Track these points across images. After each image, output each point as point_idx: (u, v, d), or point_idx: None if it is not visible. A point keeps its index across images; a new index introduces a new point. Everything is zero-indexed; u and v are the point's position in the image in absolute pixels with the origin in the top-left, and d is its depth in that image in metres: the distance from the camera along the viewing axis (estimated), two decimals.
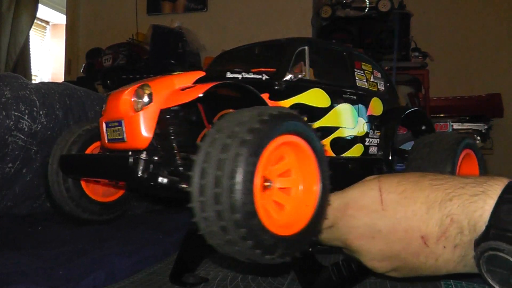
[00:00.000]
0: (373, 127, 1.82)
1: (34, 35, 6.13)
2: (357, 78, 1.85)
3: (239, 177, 0.99)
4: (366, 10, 4.87)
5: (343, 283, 1.62)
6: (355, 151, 1.76)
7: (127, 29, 5.13)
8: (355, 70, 1.85)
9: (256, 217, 1.04)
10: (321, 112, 1.70)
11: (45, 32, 6.41)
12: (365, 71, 1.89)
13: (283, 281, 1.71)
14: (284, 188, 1.21)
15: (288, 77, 1.64)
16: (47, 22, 6.39)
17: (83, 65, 5.08)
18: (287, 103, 1.64)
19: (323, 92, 1.70)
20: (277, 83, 1.65)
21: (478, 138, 4.31)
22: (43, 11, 6.02)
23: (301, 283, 1.52)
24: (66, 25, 5.69)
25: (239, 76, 1.62)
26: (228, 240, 1.02)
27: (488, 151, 4.60)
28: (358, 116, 1.79)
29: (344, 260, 1.70)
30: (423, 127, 1.97)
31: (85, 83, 4.90)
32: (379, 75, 1.95)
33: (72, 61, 5.53)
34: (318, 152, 1.26)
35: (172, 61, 4.80)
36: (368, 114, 1.82)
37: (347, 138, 1.75)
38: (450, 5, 5.04)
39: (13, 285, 1.48)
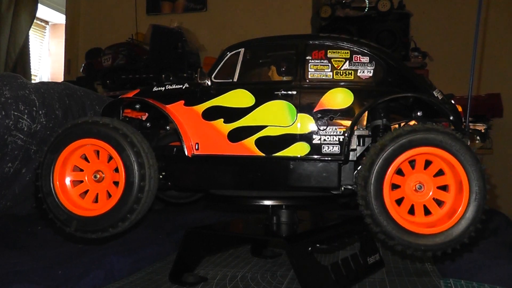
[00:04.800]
0: (327, 122, 1.65)
1: (34, 35, 6.13)
2: (311, 69, 1.72)
3: (43, 168, 1.59)
4: (366, 10, 4.87)
5: (342, 282, 1.64)
6: (296, 150, 1.64)
7: (126, 29, 5.11)
8: (311, 61, 1.73)
9: (52, 196, 1.58)
10: (241, 112, 1.68)
11: (45, 32, 6.40)
12: (333, 59, 1.73)
13: (282, 280, 1.71)
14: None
15: (206, 82, 1.73)
16: (46, 22, 6.37)
17: (83, 65, 5.06)
18: (201, 107, 1.73)
19: (246, 92, 1.69)
20: (192, 90, 1.76)
21: (478, 137, 4.31)
22: (42, 11, 6.00)
23: (300, 282, 1.54)
24: (66, 25, 5.66)
25: (162, 88, 1.80)
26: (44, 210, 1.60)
27: (488, 151, 4.60)
28: (299, 112, 1.66)
29: (343, 260, 1.72)
30: (451, 118, 1.66)
31: (84, 83, 4.89)
32: (363, 59, 1.74)
33: (72, 61, 5.51)
34: (122, 153, 1.55)
35: (171, 61, 4.80)
36: (318, 108, 1.67)
37: (279, 136, 1.66)
38: (450, 5, 5.04)
39: (13, 284, 1.49)
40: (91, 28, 5.57)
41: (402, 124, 1.74)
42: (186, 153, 1.64)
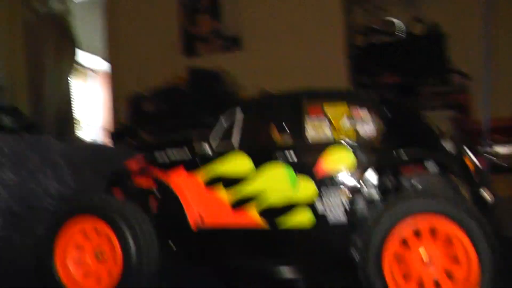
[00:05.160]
0: (329, 186, 1.53)
1: (79, 81, 6.38)
2: (309, 128, 1.63)
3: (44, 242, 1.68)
4: (399, 34, 4.77)
5: None
6: (299, 218, 1.53)
7: (166, 72, 5.17)
8: (308, 117, 1.64)
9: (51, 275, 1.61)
10: (242, 179, 1.62)
11: (90, 79, 6.62)
12: (331, 116, 1.63)
13: None
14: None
15: (206, 148, 1.71)
16: (91, 69, 6.59)
17: (126, 111, 5.15)
18: (202, 175, 1.71)
19: (245, 156, 1.64)
20: (193, 156, 1.76)
21: None
22: (87, 58, 6.22)
23: None
24: (108, 71, 5.81)
25: (164, 154, 1.82)
26: None
27: None
28: (299, 175, 1.56)
29: None
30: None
31: (127, 129, 5.00)
32: (364, 114, 1.62)
33: (116, 107, 5.63)
34: (123, 242, 1.52)
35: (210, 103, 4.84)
36: (318, 171, 1.55)
37: (281, 204, 1.56)
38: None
39: None
40: (132, 74, 5.66)
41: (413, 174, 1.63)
42: (191, 227, 1.61)
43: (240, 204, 1.61)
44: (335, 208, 1.52)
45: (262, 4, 5.26)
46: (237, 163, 1.64)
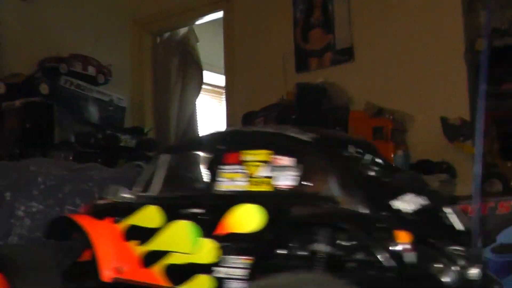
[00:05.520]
0: (232, 250, 1.33)
1: (213, 100, 6.72)
2: (221, 178, 1.42)
3: None
4: None
5: None
6: (198, 284, 1.36)
7: (279, 89, 5.17)
8: (222, 168, 1.43)
9: None
10: (150, 233, 1.50)
11: (222, 97, 6.87)
12: (248, 164, 1.40)
13: None
14: None
15: (129, 196, 1.61)
16: (223, 88, 6.82)
17: (240, 127, 5.23)
18: (122, 225, 1.65)
19: (157, 209, 1.50)
20: (119, 204, 1.69)
21: None
22: (218, 79, 6.50)
23: None
24: (225, 88, 6.00)
25: (102, 202, 1.81)
26: None
27: None
28: (204, 235, 1.39)
29: None
30: None
31: None
32: (287, 162, 1.34)
33: (232, 124, 5.74)
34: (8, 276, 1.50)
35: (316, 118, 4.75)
36: (223, 232, 1.35)
37: (182, 266, 1.41)
38: None
39: None
40: (247, 90, 5.74)
41: None
42: (103, 278, 1.58)
43: (148, 259, 1.54)
44: (235, 275, 1.33)
45: (374, 12, 5.00)
46: (149, 216, 1.57)
